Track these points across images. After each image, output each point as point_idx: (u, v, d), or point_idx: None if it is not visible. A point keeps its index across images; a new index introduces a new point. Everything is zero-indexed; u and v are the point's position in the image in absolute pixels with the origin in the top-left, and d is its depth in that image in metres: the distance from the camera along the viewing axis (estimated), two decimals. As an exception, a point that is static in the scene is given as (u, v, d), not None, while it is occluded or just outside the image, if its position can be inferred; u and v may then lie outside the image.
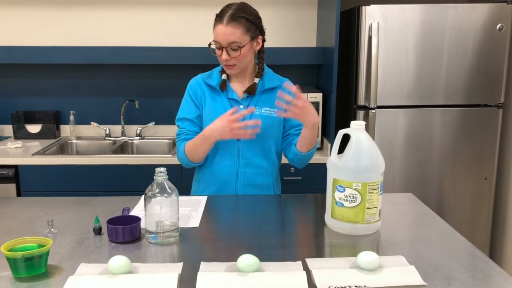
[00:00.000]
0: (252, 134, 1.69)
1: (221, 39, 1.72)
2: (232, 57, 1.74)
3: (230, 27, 1.70)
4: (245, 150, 1.83)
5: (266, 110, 1.83)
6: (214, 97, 1.85)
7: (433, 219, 1.59)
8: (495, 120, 2.70)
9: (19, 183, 2.64)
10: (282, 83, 1.85)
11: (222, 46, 1.73)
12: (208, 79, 1.87)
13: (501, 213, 2.89)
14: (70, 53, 2.91)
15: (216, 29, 1.73)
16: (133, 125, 3.18)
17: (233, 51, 1.73)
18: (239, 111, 1.74)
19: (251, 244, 1.38)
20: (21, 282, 1.15)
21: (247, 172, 1.84)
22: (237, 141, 1.82)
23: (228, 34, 1.70)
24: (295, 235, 1.47)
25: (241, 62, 1.77)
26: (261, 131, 1.77)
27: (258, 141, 1.81)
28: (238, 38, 1.71)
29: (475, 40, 2.61)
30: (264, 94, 1.85)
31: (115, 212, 1.55)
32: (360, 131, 1.43)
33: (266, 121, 1.81)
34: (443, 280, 1.15)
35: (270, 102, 1.84)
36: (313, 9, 3.13)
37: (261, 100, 1.84)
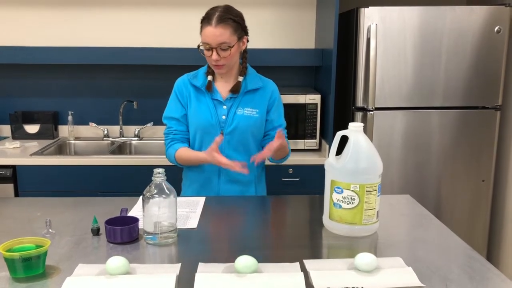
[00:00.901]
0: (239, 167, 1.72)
1: (210, 40, 1.78)
2: (222, 57, 1.80)
3: (220, 28, 1.77)
4: (227, 149, 1.91)
5: (248, 111, 1.91)
6: (199, 97, 1.92)
7: (430, 220, 1.59)
8: (493, 122, 2.71)
9: (17, 184, 2.63)
10: (265, 84, 1.96)
11: (211, 47, 1.79)
12: (193, 80, 1.94)
13: (499, 215, 2.90)
14: (68, 53, 2.91)
15: (205, 31, 1.79)
16: (131, 126, 3.18)
17: (223, 51, 1.80)
18: (222, 111, 1.89)
19: (249, 245, 1.38)
20: (19, 283, 1.15)
21: None
22: None
23: (218, 35, 1.77)
24: (293, 237, 1.47)
25: (230, 62, 1.85)
26: (244, 131, 1.90)
27: (240, 140, 1.91)
28: (227, 38, 1.78)
29: (473, 42, 2.62)
30: (247, 95, 1.92)
31: (113, 213, 1.55)
32: (358, 132, 1.43)
33: (248, 121, 1.90)
34: (440, 281, 1.16)
35: (252, 102, 1.92)
36: (312, 10, 3.13)
37: (243, 101, 1.91)
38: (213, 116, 1.89)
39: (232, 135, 1.90)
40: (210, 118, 1.89)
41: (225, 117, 1.90)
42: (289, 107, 2.75)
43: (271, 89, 1.98)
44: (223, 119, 1.90)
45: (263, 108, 1.94)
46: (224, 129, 1.90)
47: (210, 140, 1.85)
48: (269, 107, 1.96)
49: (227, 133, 1.90)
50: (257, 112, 1.92)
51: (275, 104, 1.97)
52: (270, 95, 1.96)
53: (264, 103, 1.94)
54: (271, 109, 1.96)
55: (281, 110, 2.01)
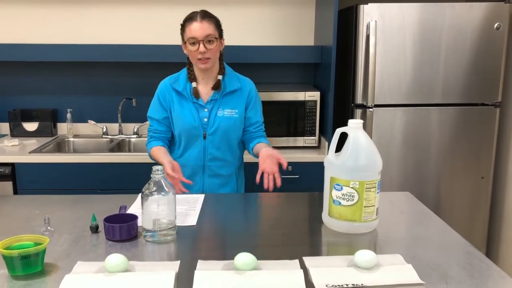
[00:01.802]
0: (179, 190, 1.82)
1: (197, 33, 1.90)
2: (209, 50, 1.91)
3: (205, 22, 1.92)
4: (210, 148, 2.04)
5: (228, 112, 2.02)
6: (181, 102, 2.04)
7: (430, 217, 1.59)
8: (492, 119, 2.71)
9: (16, 181, 2.63)
10: (242, 84, 2.07)
11: (198, 40, 1.90)
12: (175, 84, 2.05)
13: (498, 212, 2.90)
14: (67, 51, 2.90)
15: (191, 27, 1.92)
16: (130, 123, 3.18)
17: (209, 44, 1.91)
18: (203, 114, 2.01)
19: (248, 243, 1.38)
20: (17, 280, 1.14)
21: (212, 165, 2.06)
22: (203, 140, 2.03)
23: (205, 28, 1.90)
24: (292, 234, 1.47)
25: (215, 56, 1.96)
26: (225, 131, 2.02)
27: (222, 139, 2.04)
28: (212, 31, 1.92)
29: (472, 39, 2.62)
30: (226, 97, 2.03)
31: (112, 210, 1.55)
32: (357, 129, 1.43)
33: (229, 122, 2.02)
34: (440, 278, 1.16)
35: (231, 103, 2.04)
36: (311, 7, 3.12)
37: (223, 103, 2.03)
38: (196, 119, 2.01)
39: (215, 135, 2.02)
40: (193, 121, 2.01)
41: (207, 119, 2.02)
42: (288, 104, 2.75)
43: (248, 88, 2.08)
44: (205, 122, 2.02)
45: (242, 107, 2.05)
46: (207, 130, 2.02)
47: (195, 140, 2.03)
48: (247, 105, 2.07)
49: (209, 134, 2.02)
50: (236, 112, 2.03)
51: (252, 102, 2.08)
52: (248, 95, 2.07)
53: (242, 103, 2.05)
54: (248, 107, 2.07)
55: (258, 107, 2.12)
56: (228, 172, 2.10)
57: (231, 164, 2.10)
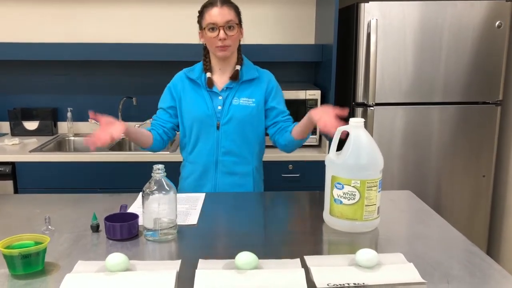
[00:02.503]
0: None
1: (217, 19, 1.80)
2: (229, 36, 1.82)
3: (226, 7, 1.82)
4: (224, 139, 1.90)
5: (244, 100, 1.90)
6: (195, 90, 1.93)
7: (431, 216, 1.58)
8: (493, 117, 2.70)
9: (16, 180, 2.63)
10: (261, 74, 1.96)
11: (218, 26, 1.80)
12: (190, 72, 1.96)
13: (499, 210, 2.90)
14: (67, 49, 2.90)
15: (211, 12, 1.81)
16: (130, 122, 3.17)
17: (230, 30, 1.82)
18: (218, 102, 1.89)
19: (249, 242, 1.37)
20: (18, 280, 1.14)
21: (226, 160, 1.91)
22: (216, 131, 1.90)
23: (225, 14, 1.81)
24: (293, 233, 1.47)
25: (234, 44, 1.86)
26: (240, 121, 1.89)
27: (236, 130, 1.90)
28: (233, 17, 1.83)
29: (473, 37, 2.61)
30: (243, 85, 1.92)
31: (113, 210, 1.55)
32: (359, 128, 1.42)
33: (244, 111, 1.89)
34: (441, 277, 1.15)
35: (247, 92, 1.92)
36: (312, 6, 3.12)
37: (239, 91, 1.91)
38: (209, 107, 1.89)
39: (229, 126, 1.89)
40: (206, 109, 1.89)
41: (220, 107, 1.90)
42: (289, 102, 2.72)
43: (268, 78, 1.97)
44: (219, 110, 1.90)
45: (260, 97, 1.92)
46: (220, 120, 1.89)
47: (207, 131, 1.90)
48: (267, 96, 1.94)
49: (223, 124, 1.89)
50: (254, 102, 1.90)
51: (274, 91, 1.96)
52: (267, 84, 1.95)
53: (261, 92, 1.93)
54: (270, 97, 1.95)
55: (281, 98, 1.99)
56: (244, 171, 1.93)
57: (248, 161, 1.94)
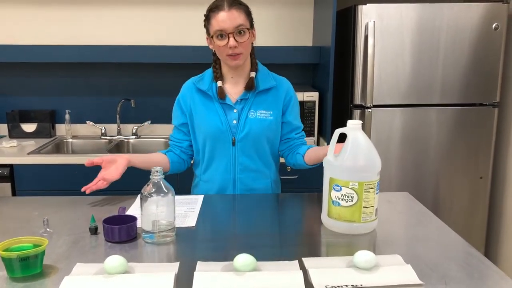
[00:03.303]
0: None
1: (226, 24, 1.63)
2: (240, 43, 1.65)
3: (234, 10, 1.65)
4: (241, 156, 1.79)
5: (261, 113, 1.76)
6: (205, 102, 1.78)
7: (429, 218, 1.59)
8: (490, 119, 2.71)
9: (14, 183, 2.62)
10: (278, 83, 1.81)
11: (227, 32, 1.64)
12: (199, 83, 1.79)
13: (497, 212, 2.90)
14: (66, 51, 2.90)
15: (218, 17, 1.64)
16: (129, 124, 3.17)
17: (240, 36, 1.66)
18: (232, 116, 1.75)
19: (248, 244, 1.37)
20: (16, 282, 1.14)
21: (244, 177, 1.81)
22: (232, 147, 1.78)
23: (234, 18, 1.64)
24: (291, 234, 1.47)
25: (246, 50, 1.71)
26: (257, 136, 1.76)
27: (254, 145, 1.78)
28: (243, 21, 1.66)
29: (470, 39, 2.62)
30: (259, 96, 1.77)
31: (111, 212, 1.55)
32: (356, 130, 1.43)
33: (262, 125, 1.76)
34: (439, 279, 1.16)
35: (264, 104, 1.77)
36: (309, 8, 3.13)
37: (255, 103, 1.77)
38: (223, 122, 1.75)
39: (245, 141, 1.76)
40: (220, 125, 1.75)
41: (236, 121, 1.76)
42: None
43: (286, 87, 1.82)
44: (234, 124, 1.76)
45: (278, 109, 1.78)
46: (236, 135, 1.76)
47: (222, 148, 1.78)
48: (285, 107, 1.80)
49: (239, 139, 1.76)
50: (271, 114, 1.77)
51: (291, 103, 1.82)
52: (285, 94, 1.80)
53: (278, 103, 1.78)
54: (287, 109, 1.81)
55: (297, 110, 1.87)
56: (263, 186, 1.83)
57: (266, 176, 1.84)
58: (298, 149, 1.82)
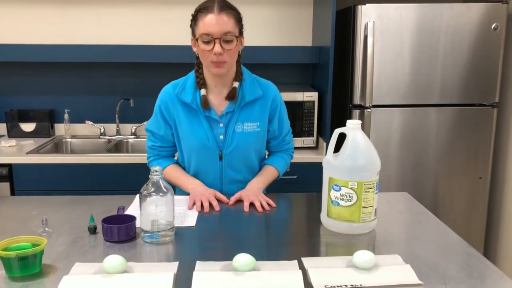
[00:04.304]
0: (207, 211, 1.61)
1: (213, 29, 1.54)
2: (226, 50, 1.57)
3: (224, 14, 1.55)
4: (228, 169, 1.77)
5: (248, 126, 1.71)
6: (189, 116, 1.70)
7: (428, 218, 1.59)
8: (490, 119, 2.71)
9: (13, 182, 2.62)
10: (264, 91, 1.74)
11: (214, 37, 1.55)
12: (181, 94, 1.70)
13: (496, 212, 2.90)
14: (65, 51, 2.89)
15: (206, 19, 1.55)
16: (128, 124, 3.17)
17: (227, 43, 1.57)
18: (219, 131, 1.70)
19: (247, 243, 1.37)
20: (15, 282, 1.14)
21: (231, 188, 1.78)
22: (219, 161, 1.75)
23: (223, 23, 1.54)
24: (291, 234, 1.47)
25: (232, 59, 1.62)
26: (245, 148, 1.73)
27: (241, 158, 1.76)
28: (232, 28, 1.56)
29: (470, 39, 2.62)
30: (245, 108, 1.71)
31: (110, 211, 1.55)
32: (356, 130, 1.43)
33: (250, 138, 1.72)
34: (438, 279, 1.16)
35: (251, 116, 1.71)
36: (309, 8, 3.13)
37: (242, 115, 1.71)
38: (210, 137, 1.70)
39: (232, 155, 1.73)
40: (207, 140, 1.70)
41: (223, 136, 1.71)
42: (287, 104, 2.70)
43: (272, 95, 1.75)
44: (221, 139, 1.71)
45: (265, 119, 1.74)
46: (223, 150, 1.72)
47: (209, 161, 1.74)
48: (271, 116, 1.76)
49: (227, 154, 1.73)
50: (258, 126, 1.73)
51: (277, 111, 1.77)
52: (271, 103, 1.74)
53: (265, 113, 1.74)
54: (273, 118, 1.77)
55: (284, 116, 1.82)
56: (248, 180, 1.79)
57: (251, 171, 1.81)
58: (269, 156, 1.88)
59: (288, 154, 1.92)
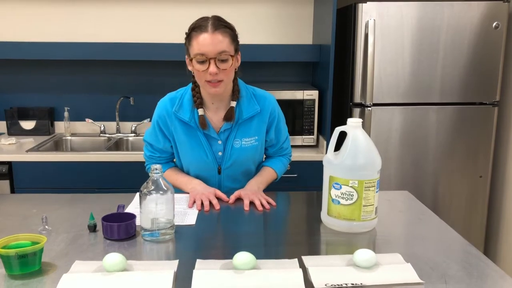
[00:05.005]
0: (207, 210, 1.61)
1: (208, 49, 1.53)
2: (221, 70, 1.55)
3: (219, 34, 1.54)
4: (227, 181, 1.80)
5: (246, 141, 1.73)
6: (187, 132, 1.71)
7: (429, 216, 1.59)
8: (490, 118, 2.71)
9: (13, 180, 2.62)
10: (262, 105, 1.73)
11: (208, 57, 1.54)
12: (179, 112, 1.69)
13: (496, 210, 2.90)
14: (65, 49, 2.89)
15: (199, 39, 1.54)
16: (128, 122, 3.17)
17: (222, 63, 1.55)
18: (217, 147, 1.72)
19: (247, 242, 1.37)
20: (15, 280, 1.14)
21: (229, 195, 1.75)
22: (217, 175, 1.78)
23: (217, 42, 1.53)
24: (291, 233, 1.47)
25: (228, 78, 1.60)
26: (243, 162, 1.77)
27: (239, 170, 1.79)
28: (226, 47, 1.55)
29: (471, 38, 2.62)
30: (242, 125, 1.72)
31: (110, 209, 1.54)
32: (357, 128, 1.42)
33: (248, 152, 1.75)
34: (439, 277, 1.15)
35: (249, 131, 1.73)
36: (310, 6, 3.12)
37: (240, 132, 1.72)
38: (208, 154, 1.72)
39: (231, 169, 1.77)
40: (205, 157, 1.73)
41: (221, 153, 1.74)
42: (287, 103, 2.74)
43: (269, 109, 1.75)
44: (219, 155, 1.74)
45: (262, 132, 1.76)
46: (222, 165, 1.75)
47: (207, 174, 1.77)
48: (268, 127, 1.78)
49: (225, 168, 1.76)
50: (256, 140, 1.75)
51: (274, 123, 1.78)
52: (269, 116, 1.75)
53: (262, 127, 1.75)
54: (270, 129, 1.78)
55: (282, 126, 1.83)
56: (248, 180, 1.81)
57: (249, 173, 1.83)
58: (266, 159, 1.90)
59: (286, 158, 1.95)
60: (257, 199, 1.66)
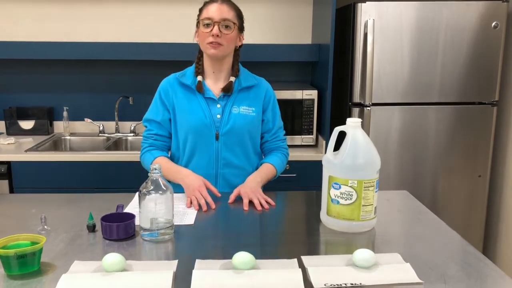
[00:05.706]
0: (205, 209, 1.61)
1: (214, 14, 1.71)
2: (223, 34, 1.71)
3: (226, 5, 1.74)
4: (224, 151, 1.81)
5: (244, 109, 1.82)
6: (189, 97, 1.81)
7: (428, 216, 1.59)
8: (489, 117, 2.71)
9: (12, 180, 2.61)
10: (259, 82, 1.88)
11: (214, 21, 1.70)
12: (182, 78, 1.83)
13: (495, 210, 2.91)
14: (64, 48, 2.88)
15: (209, 7, 1.73)
16: (127, 122, 3.16)
17: (225, 28, 1.72)
18: (216, 110, 1.78)
19: (247, 242, 1.37)
20: (13, 280, 1.14)
21: (226, 172, 1.83)
22: (215, 142, 1.80)
23: (224, 11, 1.72)
24: (290, 233, 1.47)
25: (228, 45, 1.74)
26: (240, 131, 1.80)
27: (237, 140, 1.82)
28: (232, 17, 1.73)
29: (470, 37, 2.62)
30: (241, 93, 1.83)
31: (109, 209, 1.54)
32: (356, 128, 1.42)
33: (245, 120, 1.81)
34: (438, 277, 1.15)
35: (247, 100, 1.83)
36: (309, 6, 3.12)
37: (238, 99, 1.82)
38: (207, 115, 1.78)
39: (229, 136, 1.80)
40: (204, 118, 1.78)
41: (220, 116, 1.79)
42: (286, 102, 2.74)
43: (265, 87, 1.89)
44: (217, 119, 1.79)
45: (259, 106, 1.85)
46: (220, 129, 1.79)
47: (205, 142, 1.79)
48: (265, 106, 1.88)
49: (222, 134, 1.79)
50: (253, 111, 1.83)
51: (271, 102, 1.89)
52: (265, 94, 1.87)
53: (259, 101, 1.85)
54: (267, 108, 1.88)
55: (277, 110, 1.93)
56: (244, 180, 1.79)
57: (248, 173, 1.82)
58: (267, 150, 1.93)
59: (283, 154, 1.95)
60: (256, 198, 1.66)
